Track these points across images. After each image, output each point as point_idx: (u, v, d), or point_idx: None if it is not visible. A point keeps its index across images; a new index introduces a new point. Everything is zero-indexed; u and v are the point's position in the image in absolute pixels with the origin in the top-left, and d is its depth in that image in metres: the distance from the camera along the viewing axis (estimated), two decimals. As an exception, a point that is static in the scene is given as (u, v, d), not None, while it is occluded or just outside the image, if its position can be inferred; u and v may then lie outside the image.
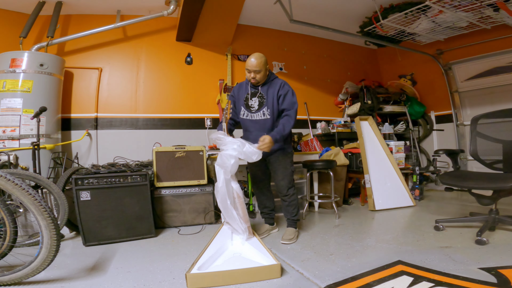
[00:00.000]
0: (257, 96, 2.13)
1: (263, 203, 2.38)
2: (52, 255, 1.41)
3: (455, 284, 1.34)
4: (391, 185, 3.18)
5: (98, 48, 3.35)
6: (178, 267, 1.70)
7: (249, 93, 2.17)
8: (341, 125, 3.96)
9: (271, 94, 2.09)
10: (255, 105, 2.13)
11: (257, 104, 2.12)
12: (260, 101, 2.12)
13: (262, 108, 2.11)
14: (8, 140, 2.50)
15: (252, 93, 2.16)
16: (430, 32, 3.70)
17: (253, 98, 2.14)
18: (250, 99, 2.16)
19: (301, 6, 3.42)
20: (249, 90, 2.17)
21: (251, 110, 2.15)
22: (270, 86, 2.12)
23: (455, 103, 4.20)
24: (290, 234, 2.16)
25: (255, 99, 2.14)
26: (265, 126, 2.11)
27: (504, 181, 1.82)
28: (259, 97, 2.12)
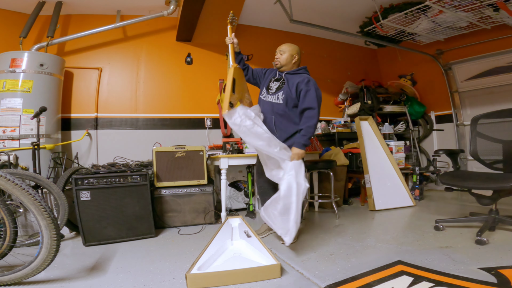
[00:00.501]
0: (279, 81, 2.18)
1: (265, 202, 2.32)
2: (52, 255, 1.41)
3: (455, 284, 1.34)
4: (391, 185, 3.18)
5: (98, 48, 3.35)
6: (178, 267, 1.70)
7: (275, 78, 2.23)
8: (341, 125, 3.97)
9: (291, 82, 2.10)
10: (274, 87, 2.17)
11: (276, 87, 2.16)
12: (279, 85, 2.15)
13: (278, 92, 2.13)
14: (8, 140, 2.50)
15: (277, 78, 2.21)
16: (430, 32, 3.70)
17: (275, 82, 2.20)
18: (272, 81, 2.22)
19: (301, 6, 3.42)
20: (276, 75, 2.23)
21: (268, 91, 2.19)
22: (295, 76, 2.14)
23: (455, 103, 4.20)
24: None
25: (276, 83, 2.19)
26: (274, 110, 2.12)
27: (504, 181, 1.82)
28: (281, 82, 2.16)
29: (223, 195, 2.76)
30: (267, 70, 2.33)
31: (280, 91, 2.13)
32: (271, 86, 2.20)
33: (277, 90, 2.15)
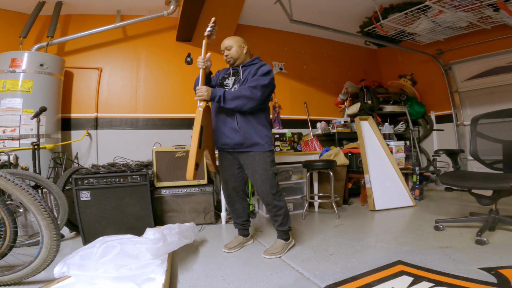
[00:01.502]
0: (235, 75, 1.96)
1: (235, 212, 2.08)
2: (52, 255, 1.41)
3: (455, 284, 1.34)
4: (391, 185, 3.18)
5: (98, 48, 3.35)
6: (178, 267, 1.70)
7: (229, 73, 1.99)
8: (341, 125, 3.97)
9: (247, 72, 1.90)
10: (230, 83, 1.94)
11: (232, 82, 1.93)
12: (236, 78, 1.93)
13: (235, 85, 1.90)
14: (8, 140, 2.50)
15: (232, 72, 1.98)
16: (430, 32, 3.70)
17: (232, 77, 1.96)
18: (227, 78, 1.98)
19: (301, 6, 3.42)
20: (230, 70, 2.00)
21: (225, 87, 1.94)
22: (251, 66, 1.94)
23: (455, 103, 4.20)
24: (276, 248, 1.88)
25: (232, 78, 1.96)
26: None
27: (504, 181, 1.82)
28: (236, 75, 1.95)
29: (223, 195, 2.76)
30: (218, 72, 2.10)
31: (236, 83, 1.90)
32: (226, 83, 1.95)
33: (233, 84, 1.92)
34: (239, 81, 1.89)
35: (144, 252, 1.48)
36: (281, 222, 1.92)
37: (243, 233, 2.11)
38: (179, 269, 1.68)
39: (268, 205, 1.89)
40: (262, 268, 1.68)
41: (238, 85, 1.87)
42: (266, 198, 1.87)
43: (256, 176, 1.85)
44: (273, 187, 1.85)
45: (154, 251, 1.49)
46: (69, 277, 1.39)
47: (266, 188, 1.84)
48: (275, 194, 1.86)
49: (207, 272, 1.64)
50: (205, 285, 1.48)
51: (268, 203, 1.88)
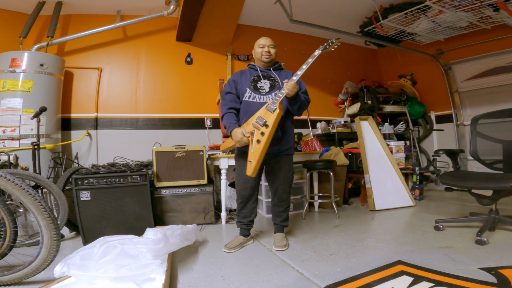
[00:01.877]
0: (268, 79, 2.00)
1: (245, 212, 2.06)
2: (52, 255, 1.41)
3: (455, 284, 1.34)
4: (391, 185, 3.18)
5: (98, 48, 3.35)
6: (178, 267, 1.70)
7: (259, 75, 2.00)
8: (341, 125, 3.97)
9: (282, 78, 1.99)
10: (266, 87, 1.97)
11: (268, 87, 1.97)
12: (272, 83, 1.99)
13: (274, 90, 1.96)
14: (8, 140, 2.50)
15: (263, 75, 2.01)
16: (430, 32, 3.70)
17: (264, 80, 1.99)
18: (259, 81, 2.00)
19: (301, 6, 3.42)
20: (259, 72, 2.02)
21: (260, 91, 1.96)
22: (282, 73, 2.05)
23: (455, 103, 4.20)
24: (283, 239, 2.03)
25: (265, 81, 1.99)
26: None
27: (504, 181, 1.82)
28: (271, 80, 2.00)
29: (223, 195, 2.76)
30: (236, 77, 2.07)
31: (276, 89, 1.96)
32: (260, 86, 1.98)
33: (271, 89, 1.97)
34: (278, 87, 1.98)
35: (145, 253, 1.48)
36: (286, 217, 2.12)
37: (245, 233, 2.11)
38: (179, 269, 1.68)
39: (283, 201, 2.07)
40: (262, 268, 1.68)
41: (278, 91, 1.88)
42: (283, 195, 2.05)
43: (280, 175, 2.02)
44: (291, 185, 2.09)
45: (155, 251, 1.49)
46: (69, 277, 1.39)
47: (287, 186, 2.05)
48: (290, 192, 2.09)
49: (207, 272, 1.64)
50: (205, 285, 1.48)
51: (284, 199, 2.06)
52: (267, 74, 2.03)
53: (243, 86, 2.01)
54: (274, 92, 1.96)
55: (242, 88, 2.00)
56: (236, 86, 2.03)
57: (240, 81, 2.03)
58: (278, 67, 2.09)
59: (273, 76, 2.02)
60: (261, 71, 2.03)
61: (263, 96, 1.96)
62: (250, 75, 2.03)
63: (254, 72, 2.05)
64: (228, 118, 1.93)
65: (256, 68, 2.05)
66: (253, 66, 2.09)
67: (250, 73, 2.05)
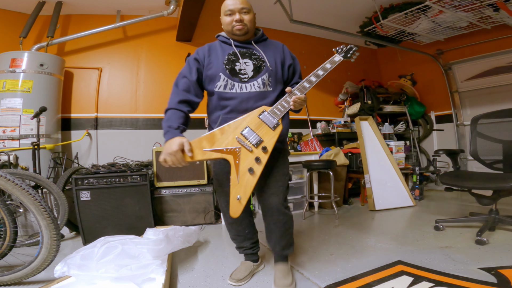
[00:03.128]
0: (250, 57, 1.40)
1: (242, 234, 1.57)
2: (52, 255, 1.41)
3: (455, 284, 1.34)
4: (391, 185, 3.18)
5: (98, 48, 3.34)
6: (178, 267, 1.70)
7: (235, 53, 1.39)
8: (341, 125, 3.96)
9: (271, 57, 1.42)
10: (248, 69, 1.37)
11: (252, 69, 1.38)
12: (257, 64, 1.38)
13: (261, 75, 1.37)
14: (8, 140, 2.50)
15: (242, 53, 1.40)
16: (430, 32, 3.70)
17: (243, 59, 1.39)
18: (237, 61, 1.38)
19: (301, 6, 3.42)
20: (234, 49, 1.40)
21: (240, 78, 1.36)
22: (267, 47, 1.45)
23: (455, 103, 4.20)
24: (287, 274, 1.45)
25: (246, 61, 1.38)
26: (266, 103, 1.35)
27: (504, 181, 1.82)
28: (255, 59, 1.39)
29: (223, 195, 2.75)
30: (201, 53, 1.42)
31: (264, 73, 1.37)
32: (240, 70, 1.37)
33: (256, 73, 1.37)
34: (266, 68, 1.38)
35: (145, 253, 1.48)
36: (288, 241, 1.48)
37: (253, 258, 1.62)
38: (179, 269, 1.68)
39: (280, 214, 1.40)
40: (262, 268, 1.68)
41: (267, 76, 1.37)
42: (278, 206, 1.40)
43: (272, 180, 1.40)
44: (286, 196, 1.45)
45: (156, 252, 1.49)
46: (69, 277, 1.39)
47: (281, 197, 1.40)
48: (287, 205, 1.46)
49: (207, 272, 1.64)
50: (205, 285, 1.48)
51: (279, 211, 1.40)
52: (248, 51, 1.41)
53: (212, 68, 1.38)
54: (261, 77, 1.37)
55: (211, 73, 1.38)
56: (201, 68, 1.40)
57: (208, 61, 1.39)
58: (260, 37, 1.47)
59: (256, 52, 1.41)
60: (237, 46, 1.41)
61: (245, 85, 1.36)
62: (223, 53, 1.40)
63: (228, 48, 1.41)
64: (170, 118, 1.30)
65: (230, 42, 1.42)
66: (225, 38, 1.44)
67: (222, 49, 1.41)
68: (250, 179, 1.21)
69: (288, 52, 1.50)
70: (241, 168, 1.21)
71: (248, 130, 1.25)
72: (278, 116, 1.27)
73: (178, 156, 1.19)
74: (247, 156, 1.22)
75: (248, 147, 1.23)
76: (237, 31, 1.38)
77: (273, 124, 1.26)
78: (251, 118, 1.27)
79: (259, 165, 1.21)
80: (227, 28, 1.41)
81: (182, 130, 1.29)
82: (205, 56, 1.41)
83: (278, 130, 1.26)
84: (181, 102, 1.34)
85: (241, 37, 1.41)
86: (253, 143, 1.23)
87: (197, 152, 1.22)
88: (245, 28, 1.38)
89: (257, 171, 1.21)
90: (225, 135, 1.25)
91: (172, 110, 1.32)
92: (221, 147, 1.23)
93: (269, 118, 1.27)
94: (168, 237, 1.64)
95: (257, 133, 1.25)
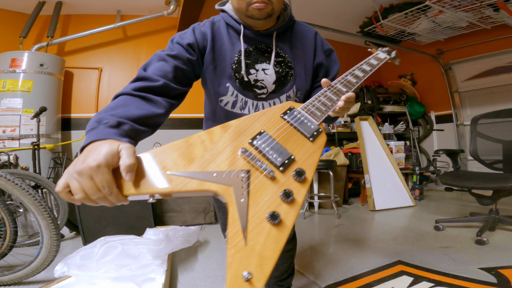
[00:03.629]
0: (270, 59, 0.89)
1: None
2: (52, 255, 1.41)
3: (455, 284, 1.34)
4: (391, 185, 3.18)
5: (98, 48, 3.34)
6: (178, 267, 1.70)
7: (249, 51, 0.88)
8: (341, 125, 3.96)
9: (301, 58, 0.93)
10: (268, 81, 0.90)
11: (274, 80, 0.90)
12: (281, 72, 0.90)
13: (288, 89, 0.92)
14: (8, 140, 2.50)
15: (259, 50, 0.89)
16: (430, 32, 3.70)
17: (260, 63, 0.89)
18: (251, 66, 0.88)
19: (301, 6, 3.42)
20: (244, 45, 0.88)
21: (256, 94, 0.90)
22: (295, 39, 0.93)
23: (455, 103, 4.20)
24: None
25: (266, 66, 0.89)
26: None
27: (504, 181, 1.82)
28: (278, 62, 0.90)
29: (223, 195, 2.74)
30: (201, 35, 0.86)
31: (289, 85, 0.92)
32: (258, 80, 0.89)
33: (280, 85, 0.91)
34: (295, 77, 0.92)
35: (145, 253, 1.48)
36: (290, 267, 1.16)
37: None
38: (179, 269, 1.68)
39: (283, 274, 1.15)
40: (262, 268, 1.68)
41: (295, 89, 0.93)
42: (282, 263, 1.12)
43: None
44: None
45: (156, 252, 1.49)
46: (69, 277, 1.39)
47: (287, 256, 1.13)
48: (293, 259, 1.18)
49: (207, 272, 1.64)
50: (205, 285, 1.48)
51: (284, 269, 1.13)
52: (268, 48, 0.90)
53: (217, 70, 0.89)
54: (286, 92, 0.92)
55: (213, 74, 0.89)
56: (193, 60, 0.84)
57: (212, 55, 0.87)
58: (288, 23, 0.92)
59: (281, 52, 0.91)
60: (251, 39, 0.89)
61: (262, 103, 0.92)
62: (232, 47, 0.88)
63: (238, 40, 0.89)
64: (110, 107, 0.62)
65: (240, 30, 0.88)
66: (234, 22, 0.89)
67: (230, 39, 0.89)
68: (272, 236, 0.51)
69: (320, 44, 0.96)
70: (251, 213, 0.52)
71: (266, 139, 0.61)
72: (319, 118, 0.67)
73: (100, 178, 0.50)
74: (264, 187, 0.55)
75: (267, 170, 0.56)
76: (256, 12, 0.80)
77: (311, 131, 0.64)
78: (268, 117, 0.66)
79: (290, 207, 0.54)
80: (239, 4, 0.82)
81: (129, 133, 0.59)
82: (206, 45, 0.86)
83: (321, 142, 0.64)
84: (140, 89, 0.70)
85: (260, 22, 0.85)
86: (276, 163, 0.58)
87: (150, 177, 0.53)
88: (269, 8, 0.80)
89: (288, 220, 0.53)
90: (218, 145, 0.59)
91: (122, 96, 0.67)
92: (206, 170, 0.55)
93: (302, 120, 0.66)
94: (168, 237, 1.64)
95: (282, 144, 0.61)
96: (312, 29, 0.98)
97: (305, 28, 0.97)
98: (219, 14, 0.94)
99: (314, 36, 0.97)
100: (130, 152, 0.51)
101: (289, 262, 1.14)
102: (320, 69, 0.98)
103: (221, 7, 0.93)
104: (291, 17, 0.93)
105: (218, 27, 0.90)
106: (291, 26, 0.94)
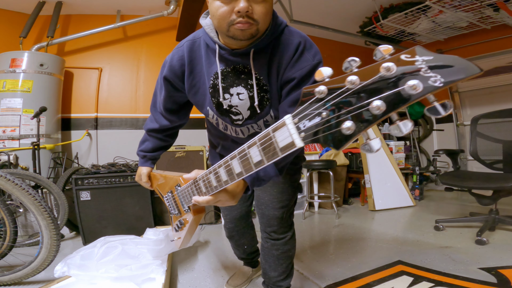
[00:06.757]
0: (246, 82, 0.84)
1: (242, 247, 1.41)
2: (52, 255, 1.41)
3: (455, 284, 1.34)
4: (391, 185, 3.18)
5: (98, 48, 3.34)
6: (178, 267, 1.70)
7: (226, 71, 0.84)
8: (341, 125, 3.96)
9: (275, 73, 0.82)
10: (242, 107, 0.87)
11: (248, 106, 0.87)
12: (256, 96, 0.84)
13: (264, 114, 0.88)
14: (8, 140, 2.50)
15: (234, 73, 0.84)
16: (430, 32, 3.70)
17: (235, 86, 0.84)
18: (227, 88, 0.85)
19: (301, 6, 3.42)
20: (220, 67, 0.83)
21: (232, 120, 0.91)
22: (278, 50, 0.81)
23: (455, 103, 4.20)
24: None
25: (240, 90, 0.85)
26: None
27: (504, 181, 1.82)
28: (252, 85, 0.83)
29: (223, 195, 2.74)
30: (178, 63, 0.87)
31: (266, 110, 0.87)
32: (232, 106, 0.87)
33: (255, 112, 0.87)
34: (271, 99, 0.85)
35: (145, 253, 1.48)
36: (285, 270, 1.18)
37: (251, 264, 1.55)
38: (179, 269, 1.68)
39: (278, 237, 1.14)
40: (262, 268, 1.68)
41: (273, 111, 0.88)
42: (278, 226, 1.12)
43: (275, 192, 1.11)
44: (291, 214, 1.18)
45: (156, 252, 1.49)
46: (69, 277, 1.39)
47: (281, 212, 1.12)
48: (290, 225, 1.19)
49: (207, 272, 1.64)
50: (205, 285, 1.48)
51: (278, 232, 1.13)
52: (245, 68, 0.83)
53: (197, 95, 0.91)
54: (262, 117, 0.89)
55: (196, 100, 0.94)
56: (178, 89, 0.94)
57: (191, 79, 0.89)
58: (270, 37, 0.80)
59: (256, 72, 0.82)
60: (226, 61, 0.83)
61: (240, 129, 0.93)
62: (209, 69, 0.85)
63: (214, 59, 0.84)
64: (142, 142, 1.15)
65: (214, 48, 0.83)
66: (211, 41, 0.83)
67: (208, 59, 0.85)
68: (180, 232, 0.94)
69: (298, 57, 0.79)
70: None
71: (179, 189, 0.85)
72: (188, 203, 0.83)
73: (143, 185, 1.11)
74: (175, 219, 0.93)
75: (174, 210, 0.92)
76: (239, 33, 0.72)
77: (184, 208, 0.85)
78: None
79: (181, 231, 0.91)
80: (219, 23, 0.73)
81: (149, 158, 1.12)
82: (184, 70, 0.87)
83: None
84: (153, 131, 1.13)
85: (243, 43, 0.77)
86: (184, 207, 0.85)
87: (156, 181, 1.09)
88: (253, 29, 0.72)
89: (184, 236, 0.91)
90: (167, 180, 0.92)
91: (145, 134, 1.16)
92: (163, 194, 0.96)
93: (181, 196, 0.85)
94: (168, 237, 1.64)
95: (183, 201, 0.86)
96: (297, 40, 0.80)
97: (292, 38, 0.81)
98: (202, 28, 0.86)
99: (295, 47, 0.80)
100: (144, 174, 1.10)
101: (288, 262, 1.17)
102: (285, 86, 0.81)
103: (202, 21, 0.85)
104: (277, 28, 0.80)
105: (198, 45, 0.87)
106: (278, 37, 0.81)
